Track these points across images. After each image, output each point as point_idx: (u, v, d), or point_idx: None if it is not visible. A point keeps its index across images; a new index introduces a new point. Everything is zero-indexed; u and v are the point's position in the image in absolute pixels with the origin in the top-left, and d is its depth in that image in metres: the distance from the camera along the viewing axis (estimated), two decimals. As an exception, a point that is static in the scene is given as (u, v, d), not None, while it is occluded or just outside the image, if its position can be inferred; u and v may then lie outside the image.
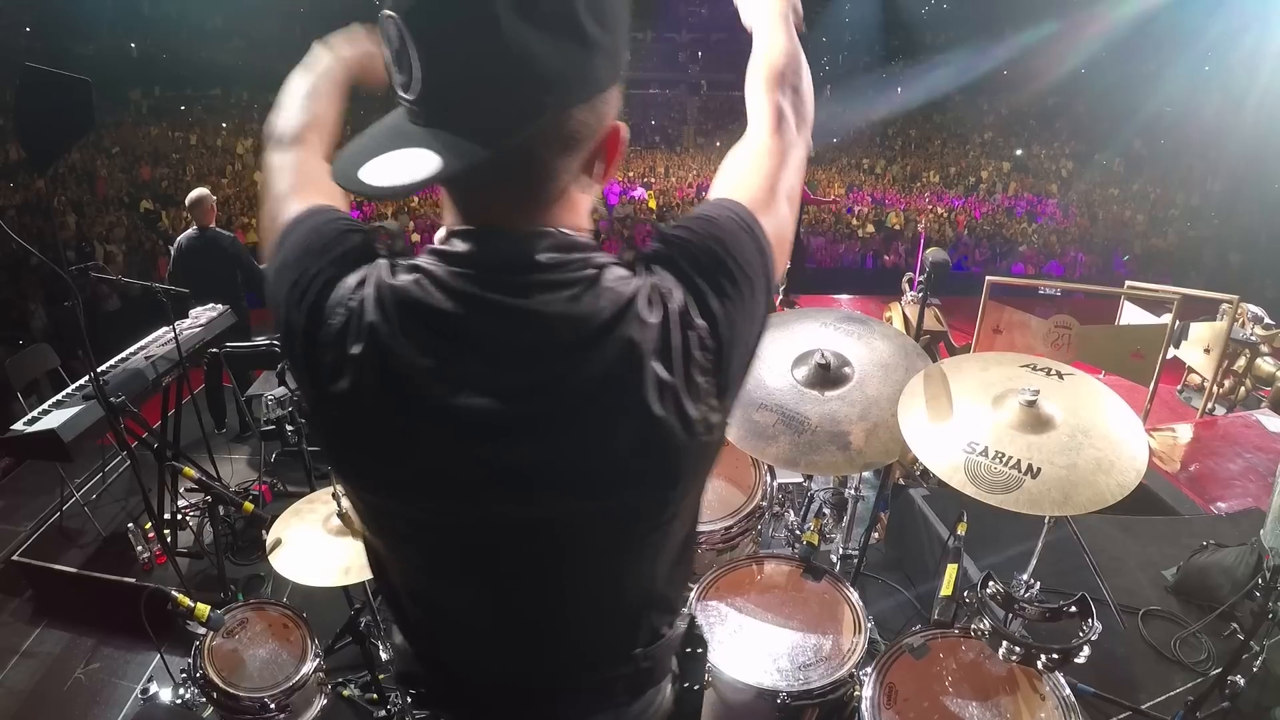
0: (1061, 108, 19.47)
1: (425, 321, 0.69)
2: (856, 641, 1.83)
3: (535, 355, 0.68)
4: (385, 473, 0.76)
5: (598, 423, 0.70)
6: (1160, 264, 13.18)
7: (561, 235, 0.71)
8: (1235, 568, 2.46)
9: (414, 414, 0.71)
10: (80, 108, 2.23)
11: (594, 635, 0.89)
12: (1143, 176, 16.60)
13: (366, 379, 0.70)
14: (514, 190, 0.69)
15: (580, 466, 0.72)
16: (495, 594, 0.84)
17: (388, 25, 0.62)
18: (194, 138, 16.42)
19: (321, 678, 2.16)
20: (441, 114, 0.64)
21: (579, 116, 0.66)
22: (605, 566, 0.83)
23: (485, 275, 0.69)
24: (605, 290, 0.70)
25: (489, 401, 0.69)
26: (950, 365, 1.95)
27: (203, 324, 3.61)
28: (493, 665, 0.91)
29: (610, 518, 0.77)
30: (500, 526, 0.76)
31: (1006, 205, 15.79)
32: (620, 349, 0.68)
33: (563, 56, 0.62)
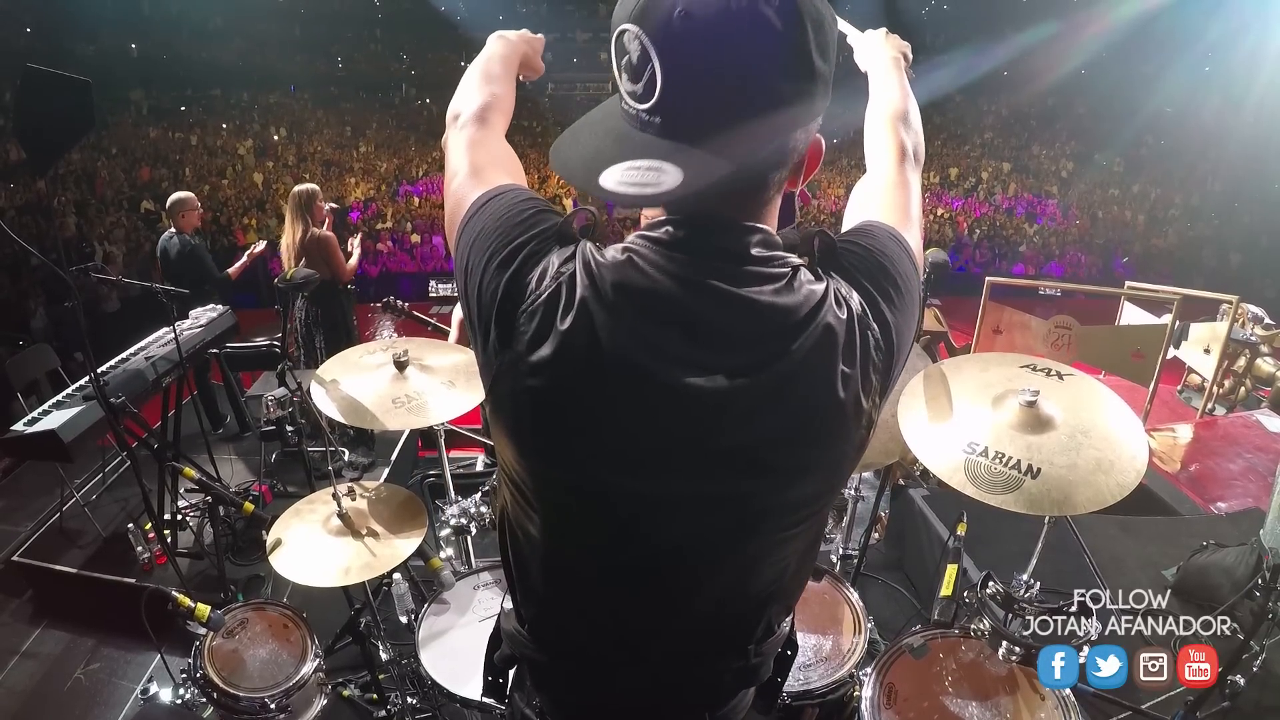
0: (1062, 108, 19.47)
1: (639, 299, 0.72)
2: (856, 642, 1.84)
3: (746, 341, 0.72)
4: (574, 443, 0.77)
5: (795, 408, 0.74)
6: (1160, 264, 13.18)
7: (768, 233, 0.76)
8: (1235, 568, 2.46)
9: (619, 387, 0.73)
10: (80, 108, 2.23)
11: (721, 623, 0.91)
12: (1143, 177, 16.60)
13: (575, 350, 0.72)
14: (731, 197, 0.74)
15: (775, 449, 0.76)
16: (644, 573, 0.85)
17: (629, 40, 0.67)
18: (194, 138, 16.42)
19: (321, 678, 2.16)
20: (679, 129, 0.68)
21: (798, 137, 0.74)
22: (758, 551, 0.85)
23: (702, 262, 0.73)
24: (802, 287, 0.75)
25: (696, 381, 0.72)
26: (950, 365, 1.95)
27: (203, 324, 3.61)
28: (613, 647, 0.92)
29: (782, 502, 0.81)
30: (679, 503, 0.78)
31: (1006, 206, 15.79)
32: (817, 340, 0.73)
33: (797, 90, 0.69)
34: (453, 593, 2.16)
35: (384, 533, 2.09)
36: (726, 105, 0.67)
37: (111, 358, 3.13)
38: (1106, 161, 16.83)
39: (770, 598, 0.92)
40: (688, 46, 0.65)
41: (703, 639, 0.91)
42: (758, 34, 0.64)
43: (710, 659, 0.93)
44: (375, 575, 2.02)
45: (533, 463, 0.81)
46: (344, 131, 18.49)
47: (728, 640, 0.92)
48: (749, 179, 0.73)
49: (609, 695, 0.96)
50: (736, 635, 0.92)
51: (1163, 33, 15.78)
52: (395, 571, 2.27)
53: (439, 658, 1.93)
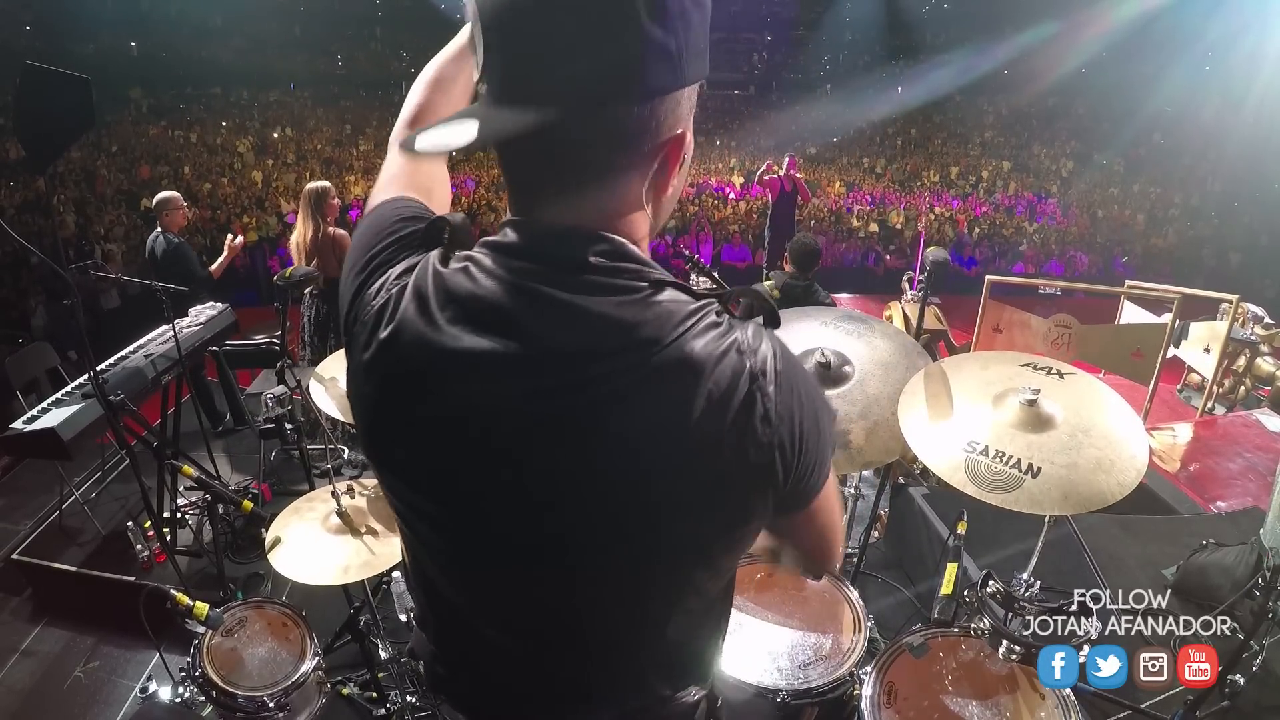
0: (1062, 108, 19.47)
1: (464, 308, 0.69)
2: (856, 640, 1.83)
3: (573, 354, 0.67)
4: (402, 457, 0.77)
5: (624, 435, 0.67)
6: (1160, 264, 13.18)
7: (616, 242, 0.69)
8: (1235, 567, 2.46)
9: (432, 404, 0.71)
10: (80, 107, 2.23)
11: (590, 675, 0.87)
12: (1143, 176, 16.60)
13: (390, 362, 0.72)
14: (567, 183, 0.68)
15: (601, 482, 0.69)
16: (492, 604, 0.84)
17: (469, 13, 0.66)
18: (194, 137, 16.41)
19: (321, 676, 2.16)
20: (496, 95, 0.65)
21: (638, 114, 0.65)
22: (608, 602, 0.79)
23: (533, 266, 0.68)
24: (658, 305, 0.68)
25: (516, 397, 0.68)
26: (950, 364, 1.95)
27: (202, 322, 3.61)
28: (491, 674, 0.91)
29: (623, 548, 0.73)
30: (508, 532, 0.74)
31: (1007, 205, 15.78)
32: (667, 363, 0.66)
33: (616, 49, 0.62)
34: (452, 591, 2.16)
35: (383, 531, 2.09)
36: (533, 64, 0.63)
37: (111, 356, 3.14)
38: (1106, 161, 16.83)
39: (650, 661, 0.86)
40: (507, 11, 0.63)
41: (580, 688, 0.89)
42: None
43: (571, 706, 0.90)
44: (374, 573, 2.02)
45: (377, 471, 0.83)
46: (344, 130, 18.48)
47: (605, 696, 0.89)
48: (571, 157, 0.67)
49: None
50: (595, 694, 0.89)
51: (1163, 33, 15.77)
52: (394, 570, 2.27)
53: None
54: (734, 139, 18.69)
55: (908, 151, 18.75)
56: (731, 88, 22.05)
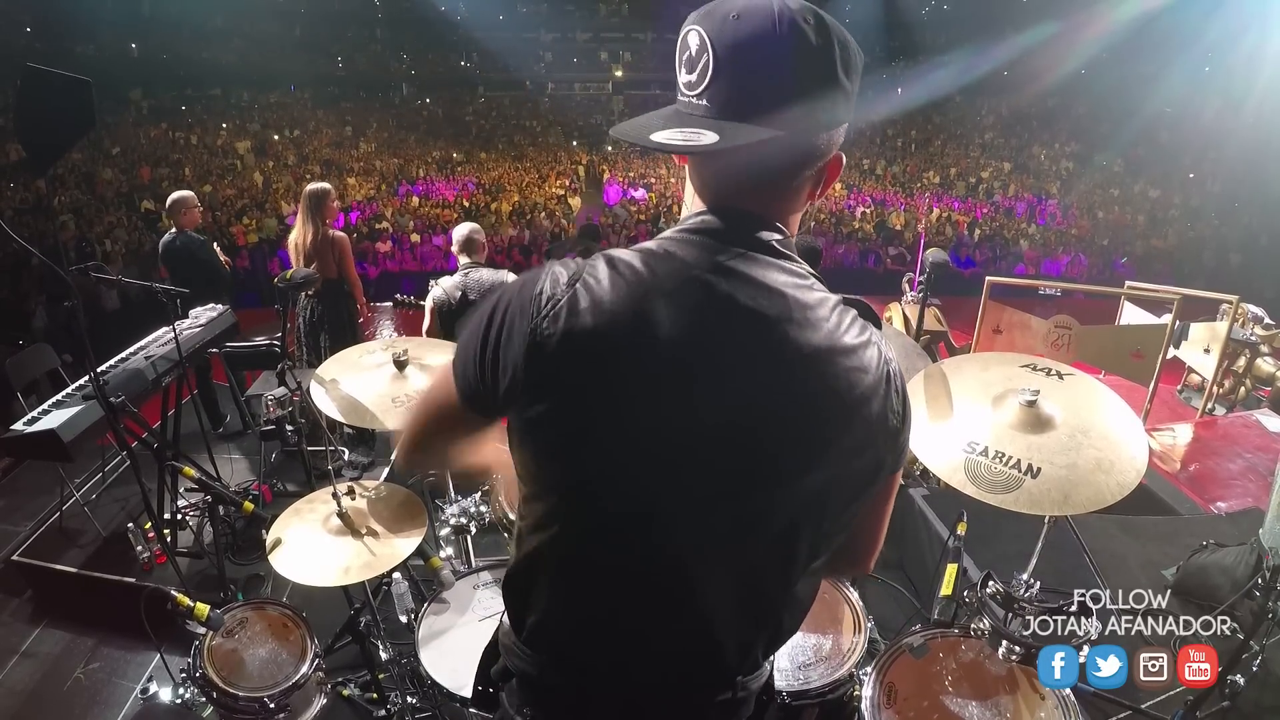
0: (1062, 108, 19.48)
1: (669, 282, 0.81)
2: (856, 641, 1.83)
3: (765, 322, 0.80)
4: (620, 419, 0.82)
5: (813, 392, 0.82)
6: (1160, 264, 13.18)
7: (787, 235, 0.86)
8: (1235, 567, 2.46)
9: (644, 364, 0.80)
10: (80, 108, 2.23)
11: (711, 644, 0.92)
12: (1143, 177, 16.60)
13: (607, 335, 0.80)
14: (765, 183, 0.84)
15: (787, 441, 0.82)
16: (648, 572, 0.88)
17: (692, 36, 0.79)
18: (194, 138, 16.43)
19: (321, 677, 2.16)
20: (723, 109, 0.78)
21: (823, 138, 0.83)
22: (756, 558, 0.89)
23: (730, 245, 0.82)
24: (818, 292, 0.84)
25: (720, 358, 0.80)
26: (950, 365, 1.95)
27: (202, 324, 3.61)
28: (606, 664, 0.94)
29: (787, 503, 0.85)
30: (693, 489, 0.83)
31: (1007, 206, 15.79)
32: (835, 340, 0.82)
33: (819, 90, 0.79)
34: (452, 592, 2.16)
35: (384, 532, 2.09)
36: (763, 93, 0.77)
37: (111, 357, 3.14)
38: (1106, 161, 16.84)
39: (762, 622, 0.94)
40: (737, 42, 0.77)
41: (692, 661, 0.93)
42: (794, 40, 0.76)
43: (695, 686, 0.94)
44: (375, 575, 2.01)
45: (575, 458, 0.86)
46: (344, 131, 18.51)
47: (715, 667, 0.94)
48: (778, 167, 0.82)
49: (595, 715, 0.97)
50: (724, 662, 0.93)
51: (1163, 33, 15.78)
52: (395, 571, 2.27)
53: (439, 657, 1.93)
54: (734, 140, 18.63)
55: (908, 153, 18.76)
56: (731, 89, 22.01)
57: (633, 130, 0.82)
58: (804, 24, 0.76)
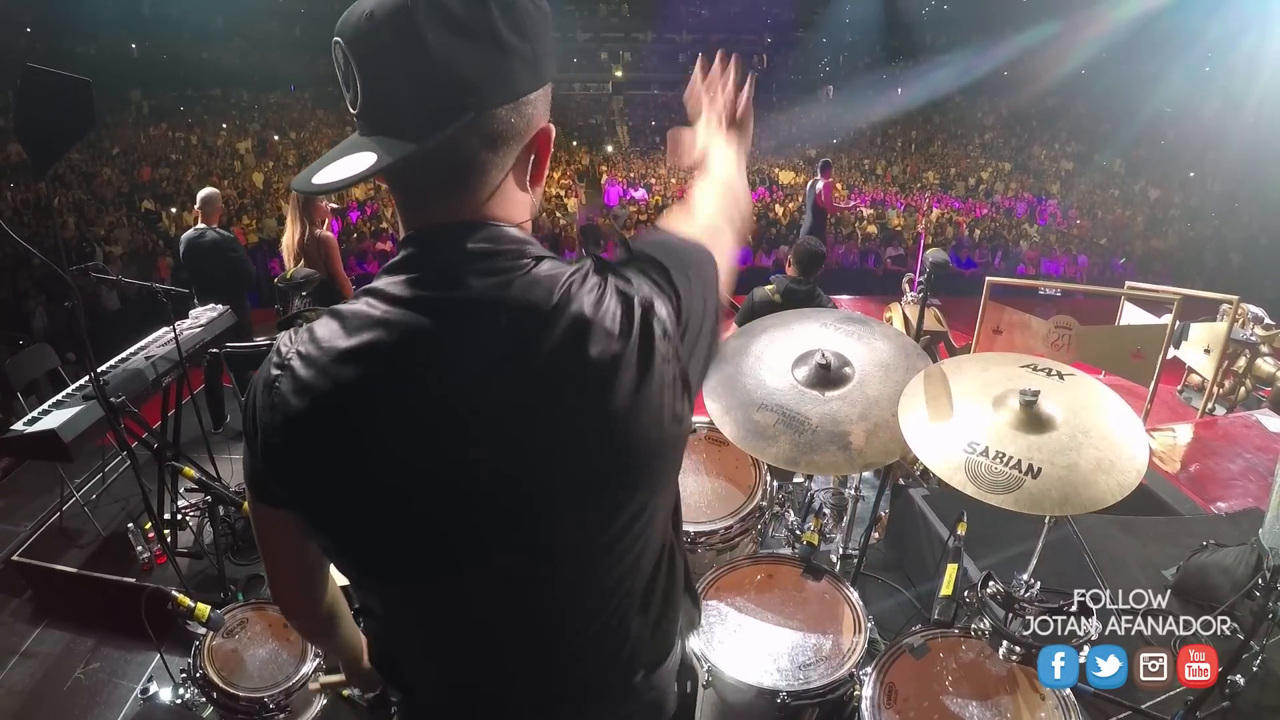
0: (1062, 109, 19.47)
1: (366, 338, 0.72)
2: (856, 641, 1.83)
3: (476, 344, 0.71)
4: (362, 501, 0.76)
5: (552, 406, 0.71)
6: (1160, 264, 13.18)
7: (494, 226, 0.75)
8: (1235, 567, 2.46)
9: (370, 432, 0.73)
10: (80, 108, 2.23)
11: (586, 657, 0.88)
12: (1143, 177, 16.60)
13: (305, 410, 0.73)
14: (448, 186, 0.75)
15: (539, 455, 0.73)
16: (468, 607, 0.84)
17: (336, 51, 0.70)
18: (194, 138, 16.42)
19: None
20: (380, 121, 0.71)
21: (503, 117, 0.73)
22: (584, 576, 0.82)
23: (423, 275, 0.74)
24: (541, 278, 0.73)
25: (441, 399, 0.71)
26: (950, 365, 1.95)
27: (203, 324, 3.61)
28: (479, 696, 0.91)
29: (581, 512, 0.77)
30: (468, 523, 0.76)
31: (1007, 206, 15.79)
32: (566, 328, 0.70)
33: (483, 63, 0.69)
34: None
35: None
36: (409, 90, 0.69)
37: (111, 357, 3.14)
38: (1106, 162, 16.83)
39: (637, 627, 0.89)
40: (373, 42, 0.68)
41: (578, 677, 0.89)
42: (434, 19, 0.66)
43: (603, 699, 0.91)
44: (375, 575, 2.01)
45: (346, 548, 0.83)
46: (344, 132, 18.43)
47: (606, 675, 0.90)
48: (454, 163, 0.73)
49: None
50: (614, 670, 0.90)
51: (1163, 33, 15.78)
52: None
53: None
54: (734, 140, 18.65)
55: (908, 153, 18.75)
56: (732, 89, 22.04)
57: (304, 174, 0.71)
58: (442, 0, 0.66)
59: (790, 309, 2.60)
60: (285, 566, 0.95)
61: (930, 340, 5.33)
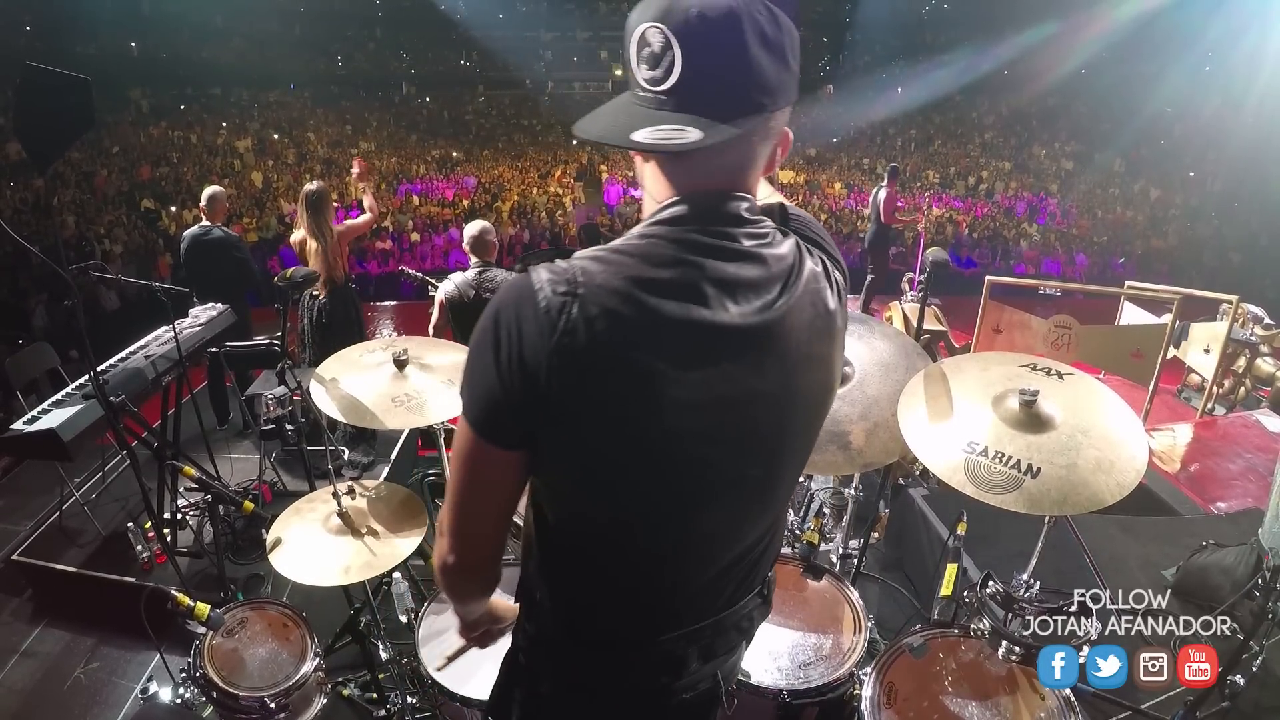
0: (1062, 108, 19.47)
1: (671, 274, 0.84)
2: (856, 641, 1.83)
3: (760, 285, 0.88)
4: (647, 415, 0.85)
5: (811, 330, 0.93)
6: (1160, 264, 13.18)
7: (751, 200, 0.92)
8: (1235, 567, 2.46)
9: (665, 348, 0.83)
10: (80, 107, 2.22)
11: (758, 553, 1.06)
12: (1143, 177, 16.60)
13: (610, 335, 0.81)
14: (734, 164, 0.90)
15: (803, 365, 0.93)
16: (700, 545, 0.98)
17: (649, 32, 0.82)
18: (194, 137, 16.42)
19: (321, 677, 2.16)
20: (693, 102, 0.82)
21: (778, 118, 0.89)
22: (804, 449, 1.04)
23: (709, 225, 0.87)
24: (784, 244, 0.93)
25: (732, 321, 0.85)
26: (950, 365, 1.95)
27: (202, 323, 3.61)
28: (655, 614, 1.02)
29: (807, 423, 1.00)
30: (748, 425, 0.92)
31: (1006, 205, 15.78)
32: (808, 277, 0.93)
33: (778, 74, 0.85)
34: (452, 592, 2.16)
35: (384, 532, 2.09)
36: (730, 82, 0.83)
37: (111, 356, 3.13)
38: (1106, 161, 16.83)
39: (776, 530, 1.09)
40: (701, 37, 0.80)
41: (775, 536, 1.10)
42: (753, 32, 0.81)
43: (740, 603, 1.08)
44: (375, 574, 2.01)
45: (604, 455, 0.88)
46: (344, 130, 18.49)
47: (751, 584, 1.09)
48: (741, 148, 0.88)
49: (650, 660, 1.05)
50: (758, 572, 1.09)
51: (1163, 33, 15.79)
52: (395, 570, 2.27)
53: (439, 657, 1.93)
54: (734, 139, 18.63)
55: (908, 152, 18.75)
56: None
57: (607, 129, 0.86)
58: (760, 18, 0.82)
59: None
60: (495, 516, 0.97)
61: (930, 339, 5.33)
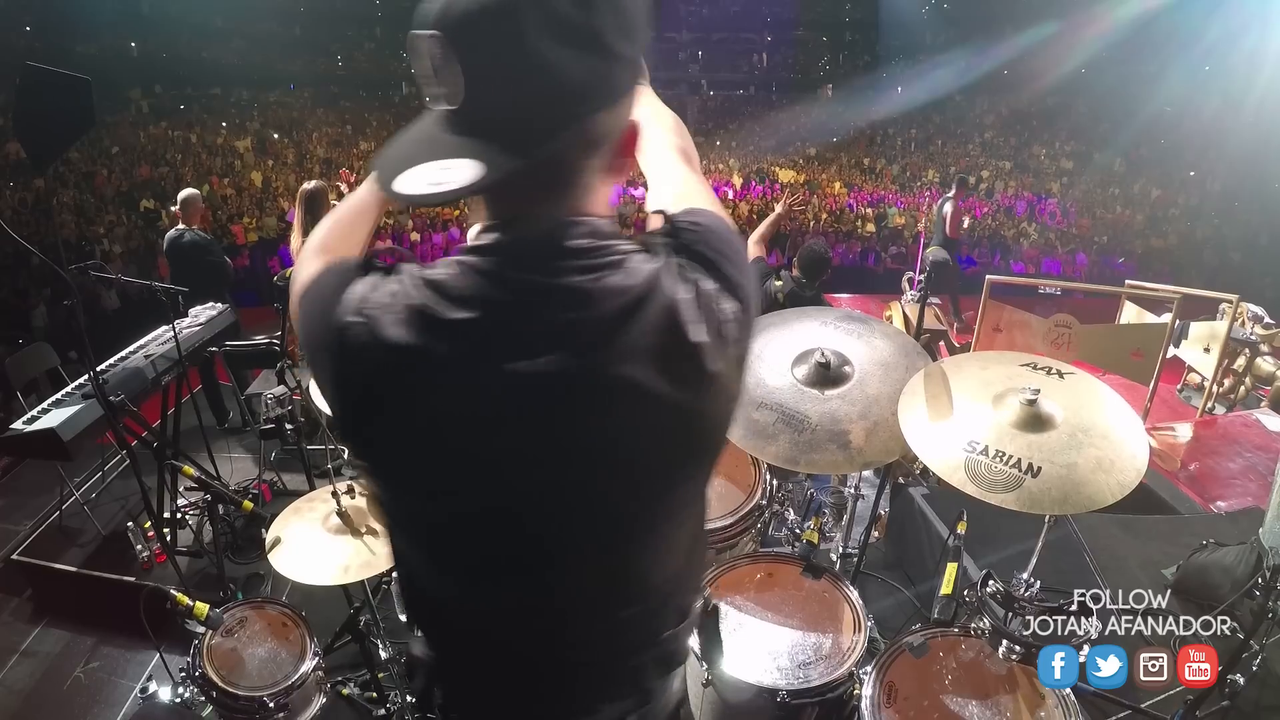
0: (1062, 108, 19.46)
1: (469, 308, 0.71)
2: (856, 640, 1.83)
3: (570, 329, 0.71)
4: (425, 462, 0.77)
5: (654, 373, 0.73)
6: (1160, 264, 13.18)
7: (590, 223, 0.75)
8: (1235, 567, 2.46)
9: (445, 399, 0.73)
10: (80, 107, 2.23)
11: (627, 619, 0.90)
12: (1143, 177, 16.59)
13: (402, 374, 0.72)
14: (544, 190, 0.74)
15: (627, 430, 0.75)
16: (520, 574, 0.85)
17: (426, 43, 0.67)
18: (194, 137, 16.40)
19: (320, 676, 2.16)
20: (479, 124, 0.68)
21: (603, 121, 0.72)
22: (646, 541, 0.86)
23: (518, 260, 0.73)
24: (633, 270, 0.74)
25: (530, 370, 0.71)
26: (950, 364, 1.95)
27: (202, 323, 3.61)
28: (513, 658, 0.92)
29: (652, 485, 0.80)
30: (542, 501, 0.78)
31: (1006, 205, 15.78)
32: (659, 316, 0.72)
33: (589, 70, 0.67)
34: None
35: (383, 531, 2.08)
36: (517, 94, 0.67)
37: (111, 356, 3.14)
38: (1106, 161, 16.83)
39: (675, 584, 0.92)
40: (480, 42, 0.66)
41: (614, 636, 0.91)
42: (540, 20, 0.65)
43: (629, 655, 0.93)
44: (375, 573, 2.02)
45: (392, 491, 0.83)
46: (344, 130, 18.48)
47: (640, 633, 0.92)
48: (553, 170, 0.72)
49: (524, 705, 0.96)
50: (648, 628, 0.92)
51: (1163, 33, 15.78)
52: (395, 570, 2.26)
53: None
54: (734, 139, 18.67)
55: (908, 151, 18.74)
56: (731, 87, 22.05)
57: (385, 167, 0.70)
58: (553, 4, 0.65)
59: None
60: None
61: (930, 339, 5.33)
